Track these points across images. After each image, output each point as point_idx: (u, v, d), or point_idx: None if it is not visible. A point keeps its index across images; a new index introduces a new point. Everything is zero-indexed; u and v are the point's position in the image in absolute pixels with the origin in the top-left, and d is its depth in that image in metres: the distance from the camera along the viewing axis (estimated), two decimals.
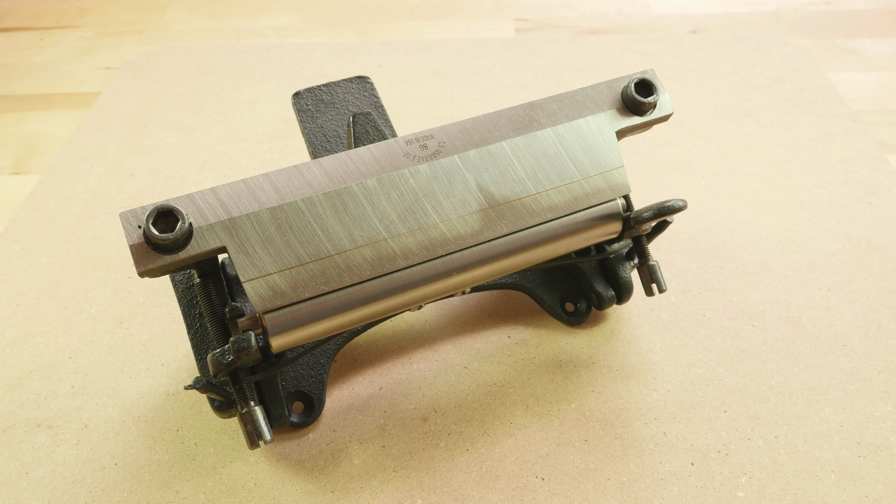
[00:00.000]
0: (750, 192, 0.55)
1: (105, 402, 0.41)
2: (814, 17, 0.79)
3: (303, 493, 0.36)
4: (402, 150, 0.35)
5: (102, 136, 0.62)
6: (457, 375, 0.42)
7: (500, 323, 0.45)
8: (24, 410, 0.41)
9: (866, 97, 0.66)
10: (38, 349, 0.44)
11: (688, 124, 0.62)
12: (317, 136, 0.43)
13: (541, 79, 0.68)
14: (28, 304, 0.47)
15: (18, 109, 0.67)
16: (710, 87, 0.67)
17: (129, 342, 0.44)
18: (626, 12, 0.81)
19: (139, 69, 0.71)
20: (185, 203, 0.31)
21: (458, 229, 0.34)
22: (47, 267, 0.50)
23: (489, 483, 0.37)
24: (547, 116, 0.37)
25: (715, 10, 0.81)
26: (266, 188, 0.32)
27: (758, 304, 0.46)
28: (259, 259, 0.31)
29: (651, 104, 0.38)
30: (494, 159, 0.35)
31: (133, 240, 0.30)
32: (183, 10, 0.83)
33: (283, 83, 0.68)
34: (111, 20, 0.82)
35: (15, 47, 0.77)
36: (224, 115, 0.64)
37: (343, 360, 0.43)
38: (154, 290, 0.47)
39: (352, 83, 0.46)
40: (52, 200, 0.55)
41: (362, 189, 0.33)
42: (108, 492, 0.37)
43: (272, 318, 0.32)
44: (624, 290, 0.43)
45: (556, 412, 0.40)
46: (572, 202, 0.36)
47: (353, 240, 0.33)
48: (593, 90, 0.38)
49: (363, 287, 0.33)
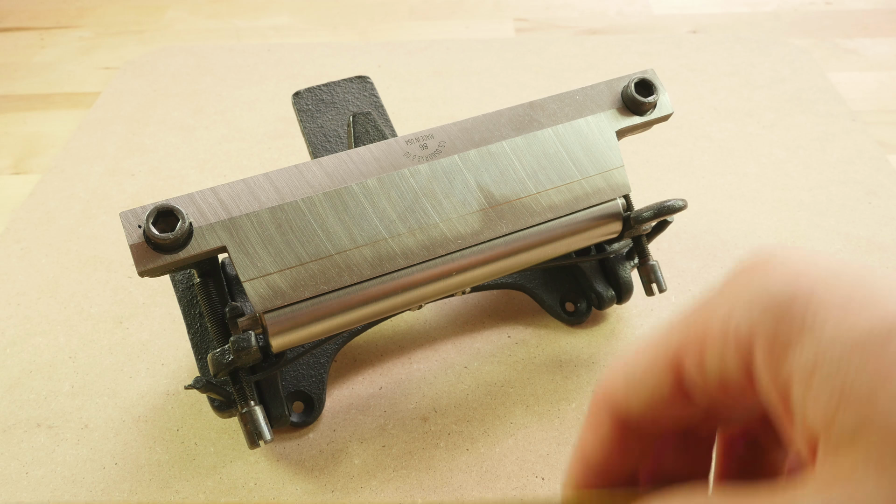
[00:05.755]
0: (750, 192, 0.55)
1: (105, 401, 0.41)
2: (814, 17, 0.79)
3: (303, 492, 0.36)
4: (402, 149, 0.35)
5: (102, 136, 0.62)
6: (457, 375, 0.42)
7: (500, 323, 0.45)
8: (24, 410, 0.41)
9: (866, 97, 0.66)
10: (38, 349, 0.44)
11: (688, 124, 0.62)
12: (317, 135, 0.43)
13: (541, 79, 0.68)
14: (28, 304, 0.47)
15: (18, 109, 0.67)
16: (710, 87, 0.67)
17: (129, 342, 0.44)
18: (626, 12, 0.81)
19: (139, 69, 0.71)
20: (185, 203, 0.31)
21: (458, 229, 0.34)
22: (47, 267, 0.50)
23: (489, 483, 0.37)
24: (547, 116, 0.37)
25: (715, 10, 0.81)
26: (266, 188, 0.32)
27: None
28: (259, 259, 0.31)
29: (651, 104, 0.38)
30: (494, 159, 0.35)
31: (133, 239, 0.30)
32: (183, 10, 0.83)
33: (283, 83, 0.68)
34: (111, 20, 0.82)
35: (15, 47, 0.77)
36: (224, 115, 0.64)
37: (343, 360, 0.43)
38: (154, 290, 0.47)
39: (352, 83, 0.46)
40: (52, 200, 0.55)
41: (362, 189, 0.33)
42: (108, 492, 0.37)
43: (272, 317, 0.32)
44: (624, 290, 0.43)
45: (557, 412, 0.40)
46: (572, 202, 0.36)
47: (353, 239, 0.33)
48: (593, 90, 0.38)
49: (363, 287, 0.33)
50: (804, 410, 0.15)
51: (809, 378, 0.15)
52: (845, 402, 0.15)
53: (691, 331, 0.18)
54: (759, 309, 0.16)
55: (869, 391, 0.14)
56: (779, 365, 0.16)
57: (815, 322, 0.15)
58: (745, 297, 0.16)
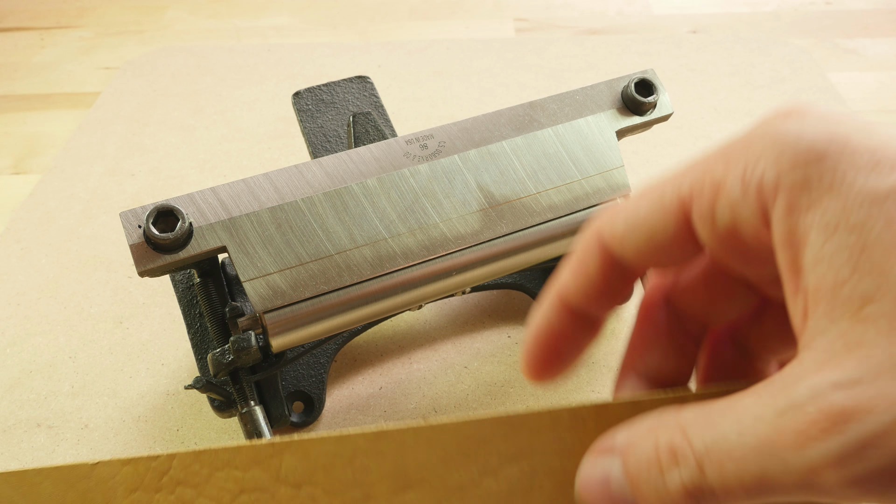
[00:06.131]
0: None
1: (105, 401, 0.41)
2: (814, 17, 0.79)
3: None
4: (402, 149, 0.35)
5: (102, 136, 0.62)
6: (457, 375, 0.42)
7: (500, 323, 0.45)
8: (24, 410, 0.41)
9: (866, 97, 0.66)
10: (38, 349, 0.44)
11: (688, 124, 0.62)
12: (317, 135, 0.43)
13: (541, 79, 0.68)
14: (28, 304, 0.47)
15: (18, 109, 0.67)
16: (710, 87, 0.67)
17: (129, 342, 0.44)
18: (626, 12, 0.81)
19: (139, 69, 0.71)
20: (185, 203, 0.31)
21: (458, 229, 0.34)
22: (47, 267, 0.50)
23: None
24: (547, 116, 0.37)
25: (715, 10, 0.81)
26: (266, 188, 0.32)
27: None
28: (259, 258, 0.31)
29: (651, 104, 0.38)
30: (494, 159, 0.35)
31: (133, 239, 0.30)
32: (183, 10, 0.83)
33: (283, 83, 0.68)
34: (111, 20, 0.82)
35: (15, 47, 0.77)
36: (224, 115, 0.64)
37: (343, 360, 0.43)
38: (154, 290, 0.47)
39: (352, 83, 0.46)
40: (52, 200, 0.55)
41: (362, 189, 0.33)
42: None
43: (272, 317, 0.32)
44: None
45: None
46: (572, 202, 0.36)
47: (353, 239, 0.33)
48: (593, 90, 0.38)
49: (363, 287, 0.33)
50: (815, 269, 0.14)
51: (829, 235, 0.14)
52: (862, 264, 0.14)
53: (708, 173, 0.17)
54: (790, 158, 0.15)
55: (889, 254, 0.14)
56: (799, 218, 0.15)
57: (845, 180, 0.14)
58: (775, 144, 0.16)
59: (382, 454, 0.21)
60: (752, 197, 0.16)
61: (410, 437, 0.21)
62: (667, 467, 0.16)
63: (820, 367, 0.14)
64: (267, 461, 0.21)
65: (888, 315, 0.13)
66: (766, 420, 0.14)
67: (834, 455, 0.13)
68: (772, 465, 0.14)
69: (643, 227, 0.18)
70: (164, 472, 0.22)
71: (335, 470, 0.21)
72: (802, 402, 0.13)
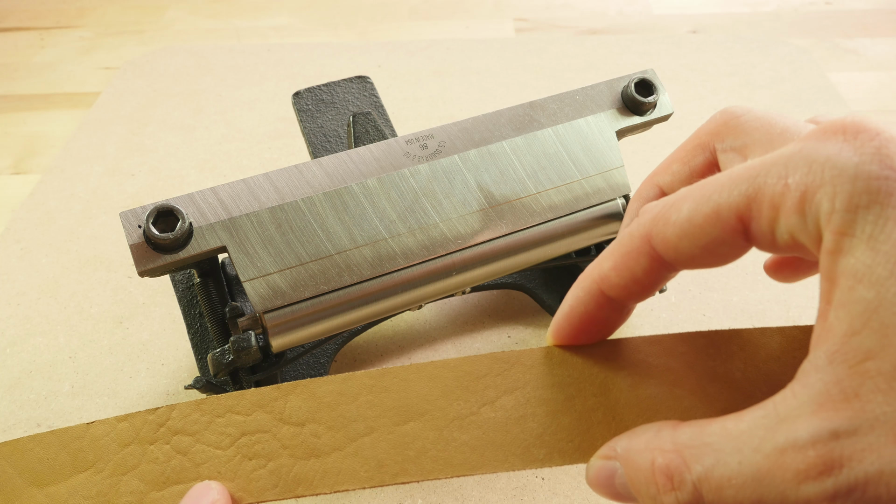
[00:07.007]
0: None
1: (105, 402, 0.41)
2: (814, 17, 0.79)
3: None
4: (402, 149, 0.35)
5: (102, 136, 0.62)
6: None
7: (500, 323, 0.45)
8: (24, 410, 0.41)
9: (866, 97, 0.66)
10: (38, 349, 0.44)
11: (688, 124, 0.62)
12: (317, 135, 0.43)
13: (541, 79, 0.68)
14: (28, 304, 0.47)
15: (18, 109, 0.67)
16: (710, 87, 0.67)
17: (129, 342, 0.44)
18: (626, 12, 0.81)
19: (139, 69, 0.71)
20: (185, 203, 0.31)
21: (458, 229, 0.34)
22: (47, 267, 0.50)
23: (489, 483, 0.37)
24: (547, 116, 0.37)
25: (715, 10, 0.81)
26: (266, 188, 0.32)
27: (758, 304, 0.46)
28: (259, 259, 0.31)
29: (651, 104, 0.38)
30: (494, 159, 0.35)
31: (133, 239, 0.30)
32: (183, 10, 0.83)
33: (283, 83, 0.68)
34: (111, 20, 0.82)
35: (15, 47, 0.77)
36: (224, 115, 0.64)
37: (343, 360, 0.43)
38: (154, 290, 0.47)
39: (352, 83, 0.46)
40: (52, 200, 0.55)
41: (362, 189, 0.33)
42: None
43: (272, 317, 0.32)
44: None
45: None
46: (572, 202, 0.36)
47: (353, 239, 0.33)
48: (593, 90, 0.38)
49: (363, 287, 0.33)
50: (836, 311, 0.16)
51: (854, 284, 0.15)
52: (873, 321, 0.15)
53: (766, 188, 0.17)
54: (843, 199, 0.16)
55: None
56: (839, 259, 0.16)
57: (883, 231, 0.15)
58: (834, 179, 0.16)
59: (387, 390, 0.22)
60: (811, 227, 0.17)
61: (413, 374, 0.22)
62: (663, 489, 0.17)
63: (817, 409, 0.15)
64: (271, 404, 0.22)
65: (886, 375, 0.15)
66: (765, 453, 0.16)
67: (828, 493, 0.15)
68: (769, 495, 0.16)
69: (700, 236, 0.19)
70: (161, 424, 0.22)
71: (339, 407, 0.22)
72: (804, 444, 0.15)
